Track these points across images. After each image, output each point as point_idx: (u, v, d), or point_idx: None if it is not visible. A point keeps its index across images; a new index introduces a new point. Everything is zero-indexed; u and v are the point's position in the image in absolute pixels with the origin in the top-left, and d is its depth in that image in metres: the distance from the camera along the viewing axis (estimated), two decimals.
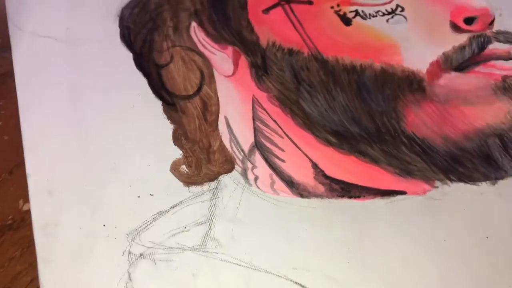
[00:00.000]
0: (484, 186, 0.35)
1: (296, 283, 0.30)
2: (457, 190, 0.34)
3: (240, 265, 0.30)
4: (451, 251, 0.32)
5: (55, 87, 0.40)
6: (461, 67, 0.39)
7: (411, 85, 0.38)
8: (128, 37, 0.45)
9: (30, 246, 0.31)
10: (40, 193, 0.33)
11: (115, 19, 0.45)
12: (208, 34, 0.45)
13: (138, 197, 0.33)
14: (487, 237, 0.32)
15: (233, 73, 0.42)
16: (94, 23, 0.46)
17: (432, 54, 0.39)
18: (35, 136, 0.37)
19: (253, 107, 0.40)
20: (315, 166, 0.36)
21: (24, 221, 0.33)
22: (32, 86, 0.40)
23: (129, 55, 0.43)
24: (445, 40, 0.40)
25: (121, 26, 0.45)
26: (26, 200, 0.34)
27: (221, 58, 0.43)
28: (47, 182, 0.34)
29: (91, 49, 0.44)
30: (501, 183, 0.34)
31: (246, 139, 0.38)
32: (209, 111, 0.40)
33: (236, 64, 0.43)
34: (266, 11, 0.47)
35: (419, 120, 0.37)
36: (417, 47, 0.40)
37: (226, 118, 0.39)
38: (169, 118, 0.39)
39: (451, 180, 0.35)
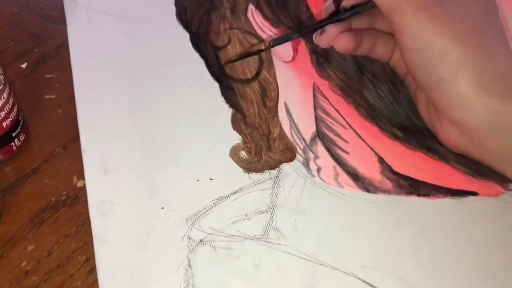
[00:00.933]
0: None
1: (365, 282, 0.28)
2: None
3: (304, 258, 0.29)
4: None
5: (110, 63, 0.39)
6: None
7: None
8: (184, 17, 0.43)
9: (85, 224, 0.30)
10: (95, 170, 0.32)
11: None
12: (265, 17, 0.44)
13: (197, 180, 0.32)
14: None
15: (293, 59, 0.41)
16: (150, 1, 0.44)
17: None
18: (90, 112, 0.36)
19: (314, 95, 0.38)
20: (381, 160, 0.34)
21: (78, 197, 0.32)
22: (87, 60, 0.39)
23: (186, 35, 0.42)
24: None
25: (177, 5, 0.44)
26: (80, 176, 0.32)
27: None
28: (103, 159, 0.33)
29: (147, 26, 0.42)
30: None
31: (307, 128, 0.36)
32: (268, 96, 0.38)
33: (295, 50, 0.41)
34: None
35: None
36: None
37: (286, 104, 0.38)
38: (227, 101, 0.37)
39: None
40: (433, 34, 0.28)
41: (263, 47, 0.35)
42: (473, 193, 0.33)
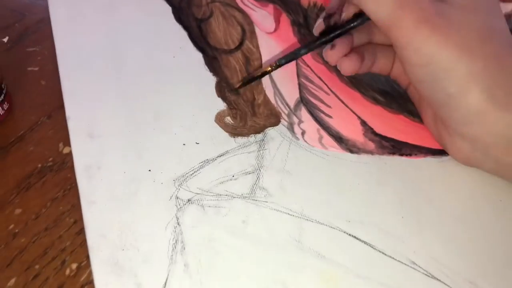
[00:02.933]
0: None
1: (350, 235, 0.29)
2: None
3: (291, 214, 0.29)
4: (508, 211, 0.31)
5: (93, 35, 0.39)
6: None
7: None
8: None
9: (72, 188, 0.30)
10: (81, 136, 0.32)
11: None
12: None
13: (184, 144, 0.32)
14: None
15: (275, 30, 0.41)
16: None
17: None
18: (74, 81, 0.36)
19: (297, 64, 0.39)
20: (363, 123, 0.35)
21: (65, 163, 0.32)
22: (69, 33, 0.39)
23: (169, 9, 0.42)
24: None
25: None
26: (66, 143, 0.32)
27: (261, 15, 0.42)
28: (88, 125, 0.33)
29: (129, 1, 0.42)
30: None
31: (291, 95, 0.37)
32: (252, 65, 0.38)
33: (277, 21, 0.42)
34: None
35: None
36: None
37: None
38: (211, 70, 0.38)
39: None
40: (438, 47, 0.25)
41: (269, 69, 0.34)
42: None
